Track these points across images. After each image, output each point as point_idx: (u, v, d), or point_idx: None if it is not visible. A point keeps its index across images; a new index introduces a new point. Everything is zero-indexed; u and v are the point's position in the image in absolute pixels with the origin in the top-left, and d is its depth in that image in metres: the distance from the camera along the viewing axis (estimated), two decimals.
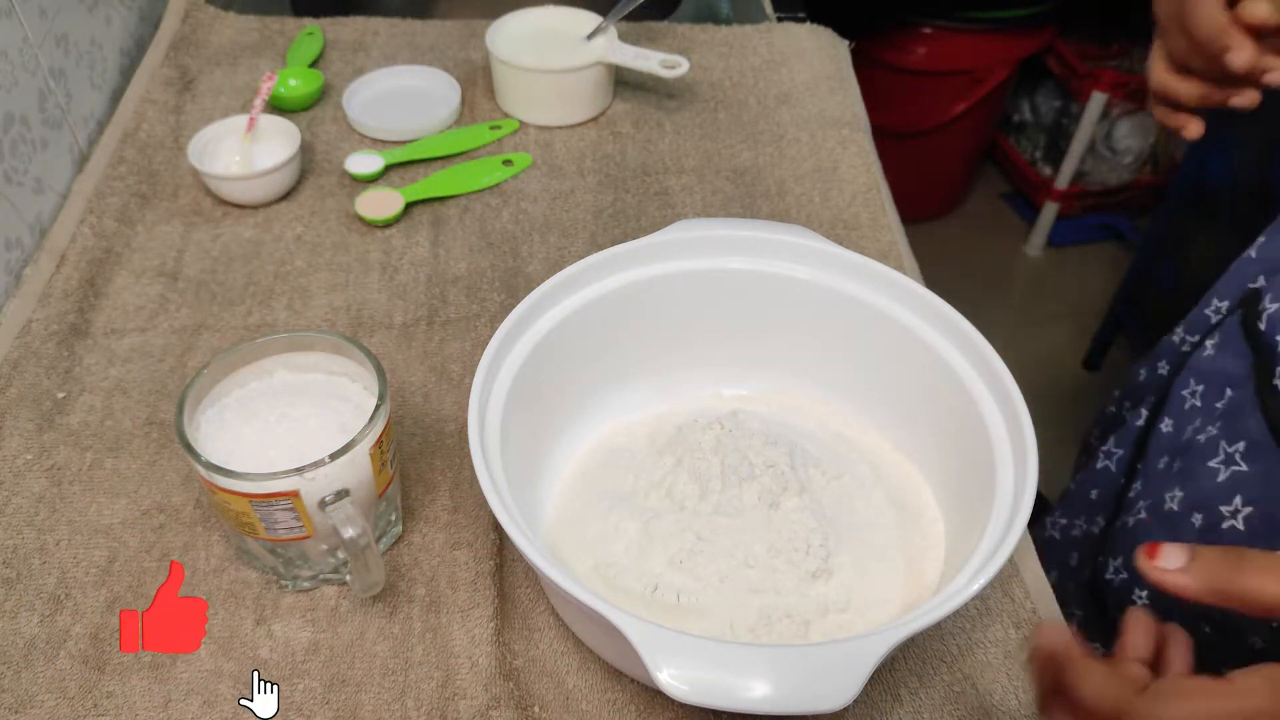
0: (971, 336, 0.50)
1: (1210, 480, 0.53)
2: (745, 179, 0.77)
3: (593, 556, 0.50)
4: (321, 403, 0.49)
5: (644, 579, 0.48)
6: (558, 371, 0.52)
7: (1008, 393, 0.47)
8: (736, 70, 0.88)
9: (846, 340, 0.55)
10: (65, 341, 0.62)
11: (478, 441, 0.44)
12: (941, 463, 0.53)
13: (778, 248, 0.54)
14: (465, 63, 0.87)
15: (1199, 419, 0.58)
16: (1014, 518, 0.43)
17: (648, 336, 0.56)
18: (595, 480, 0.54)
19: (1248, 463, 0.51)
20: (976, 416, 0.48)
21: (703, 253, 0.54)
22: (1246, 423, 0.52)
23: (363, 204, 0.71)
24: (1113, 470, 0.67)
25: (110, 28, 0.81)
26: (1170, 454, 0.59)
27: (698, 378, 0.59)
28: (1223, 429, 0.54)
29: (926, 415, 0.53)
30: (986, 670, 0.49)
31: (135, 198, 0.72)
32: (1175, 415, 0.60)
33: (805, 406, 0.58)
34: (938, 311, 0.51)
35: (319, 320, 0.65)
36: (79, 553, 0.52)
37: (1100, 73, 1.80)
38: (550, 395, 0.52)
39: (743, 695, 0.36)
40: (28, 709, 0.46)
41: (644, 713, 0.47)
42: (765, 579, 0.48)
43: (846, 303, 0.54)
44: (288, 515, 0.46)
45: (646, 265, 0.54)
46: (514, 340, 0.49)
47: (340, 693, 0.47)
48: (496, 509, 0.41)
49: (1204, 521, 0.53)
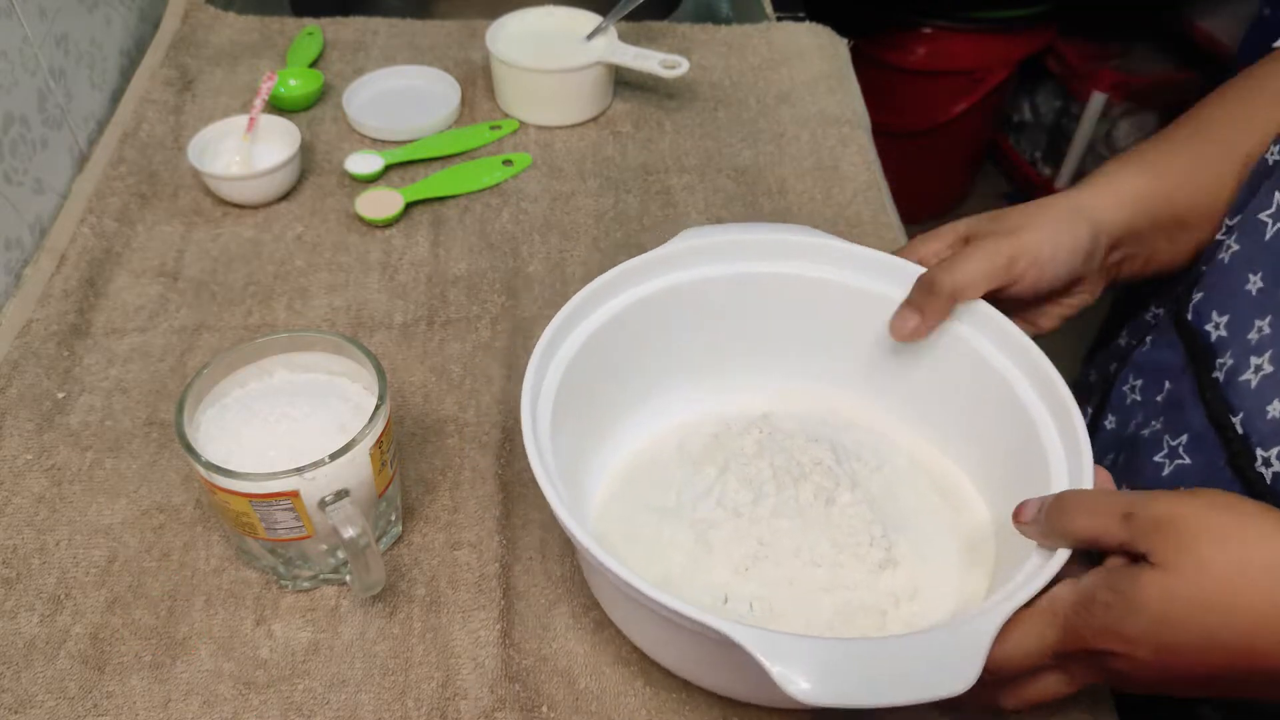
0: (998, 320, 0.50)
1: (1155, 475, 0.53)
2: (746, 178, 0.77)
3: (649, 573, 0.48)
4: (321, 403, 0.49)
5: (711, 591, 0.47)
6: (586, 392, 0.51)
7: (1047, 376, 0.47)
8: (736, 70, 0.88)
9: (867, 335, 0.55)
10: (65, 341, 0.62)
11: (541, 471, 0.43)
12: (980, 449, 0.53)
13: (791, 249, 0.54)
14: (465, 63, 0.87)
15: (1141, 413, 0.57)
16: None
17: (664, 349, 0.55)
18: (636, 495, 0.53)
19: (1190, 455, 0.51)
20: (1013, 399, 0.48)
21: (713, 260, 0.54)
22: (1188, 415, 0.51)
23: (363, 204, 0.71)
24: None
25: (110, 28, 0.81)
26: (1116, 450, 0.58)
27: (721, 384, 0.58)
28: (1165, 423, 0.53)
29: (960, 403, 0.53)
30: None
31: (135, 198, 0.72)
32: (1117, 411, 0.60)
33: (834, 404, 0.58)
34: (977, 311, 0.51)
35: (319, 320, 0.65)
36: (79, 553, 0.52)
37: (1100, 73, 1.80)
38: (584, 413, 0.51)
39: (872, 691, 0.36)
40: (28, 709, 0.46)
41: (655, 713, 0.47)
42: (834, 576, 0.48)
43: (861, 297, 0.54)
44: (288, 515, 0.46)
45: (657, 278, 0.53)
46: (545, 365, 0.48)
47: (340, 693, 0.47)
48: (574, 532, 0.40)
49: None
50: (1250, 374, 0.48)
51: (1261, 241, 0.49)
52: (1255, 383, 0.47)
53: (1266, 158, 0.52)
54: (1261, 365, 0.47)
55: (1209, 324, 0.51)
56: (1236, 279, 0.50)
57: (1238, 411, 0.48)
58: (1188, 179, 0.54)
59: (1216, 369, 0.50)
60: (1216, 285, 0.52)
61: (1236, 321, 0.50)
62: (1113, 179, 0.54)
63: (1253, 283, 0.49)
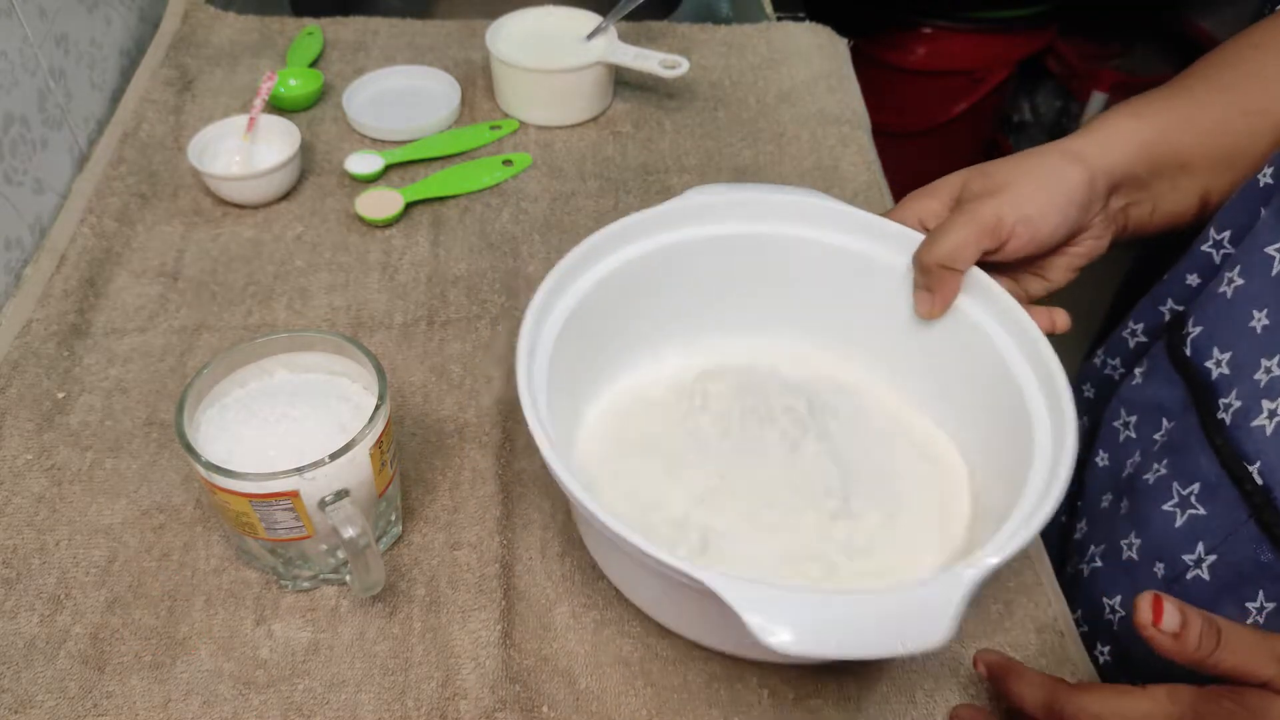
0: (993, 290, 0.50)
1: (1167, 526, 0.50)
2: (746, 177, 0.77)
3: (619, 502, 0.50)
4: (321, 403, 0.49)
5: (670, 521, 0.49)
6: (584, 344, 0.52)
7: (1035, 345, 0.47)
8: (736, 69, 0.88)
9: (859, 298, 0.55)
10: (65, 341, 0.62)
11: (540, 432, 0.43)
12: (965, 415, 0.53)
13: (790, 209, 0.54)
14: (465, 63, 0.87)
15: (1137, 453, 0.56)
16: (1056, 467, 0.43)
17: (663, 303, 0.56)
18: (622, 431, 0.54)
19: (1204, 505, 0.48)
20: (1003, 368, 0.48)
21: (715, 219, 0.54)
22: (1197, 461, 0.49)
23: (363, 204, 0.71)
24: None
25: (110, 28, 0.81)
26: (1114, 492, 0.57)
27: (715, 341, 0.59)
28: (1171, 468, 0.51)
29: (948, 369, 0.53)
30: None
31: (135, 198, 0.72)
32: (1110, 448, 0.58)
33: (819, 361, 0.58)
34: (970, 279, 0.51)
35: (319, 320, 0.65)
36: (79, 553, 0.52)
37: (1100, 73, 1.80)
38: (578, 367, 0.52)
39: (851, 641, 0.36)
40: (28, 709, 0.46)
41: (656, 713, 0.47)
42: (785, 519, 0.48)
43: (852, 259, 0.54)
44: (288, 515, 0.46)
45: (660, 234, 0.54)
46: (543, 319, 0.49)
47: (340, 693, 0.47)
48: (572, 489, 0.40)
49: (1166, 572, 0.50)
50: (1265, 419, 0.46)
51: (1269, 276, 0.47)
52: (1271, 429, 0.45)
53: (1259, 179, 0.50)
54: (1276, 410, 0.45)
55: (1209, 360, 0.50)
56: (1239, 314, 0.48)
57: (1254, 460, 0.46)
58: (1187, 122, 0.52)
59: (1221, 409, 0.48)
60: (1217, 320, 0.50)
61: (1241, 359, 0.48)
62: (1107, 123, 0.52)
63: (1258, 319, 0.47)
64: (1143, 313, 0.60)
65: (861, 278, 0.54)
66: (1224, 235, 0.53)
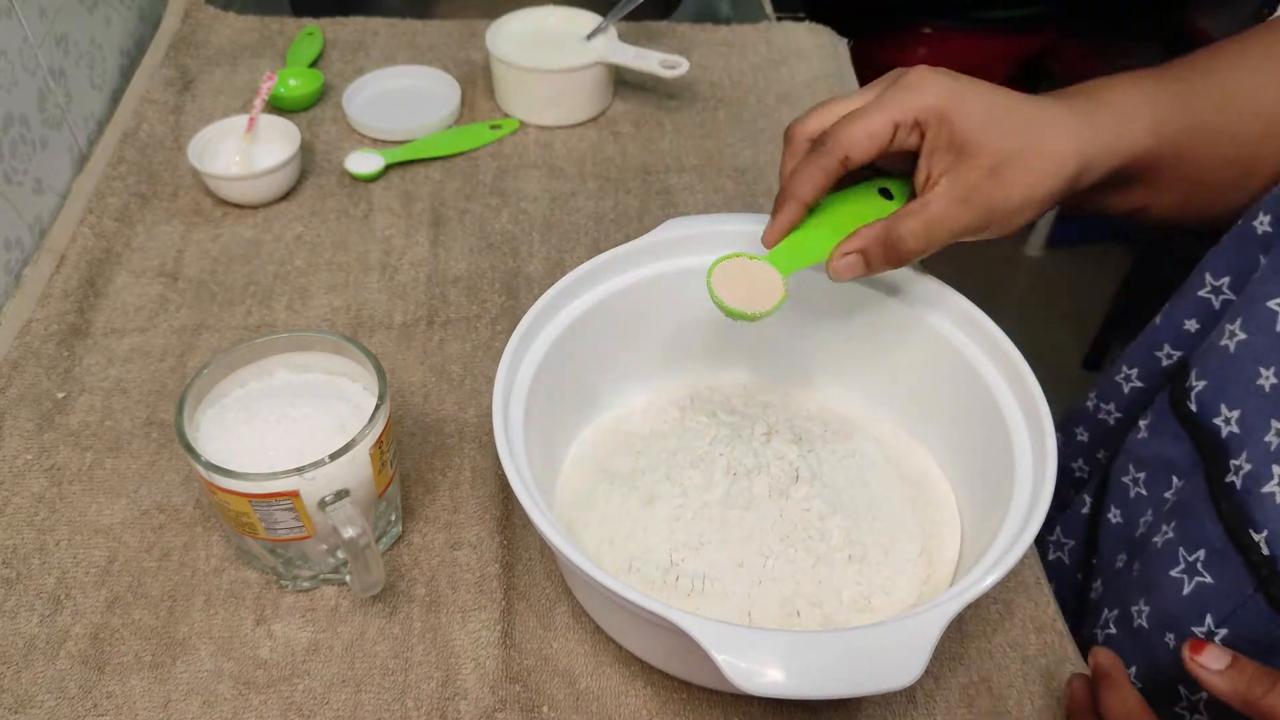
0: (974, 315, 0.50)
1: (1175, 593, 0.48)
2: (747, 177, 0.77)
3: (596, 540, 0.49)
4: (321, 403, 0.49)
5: (655, 563, 0.48)
6: (562, 382, 0.51)
7: (1016, 369, 0.48)
8: (736, 70, 0.88)
9: (846, 325, 0.55)
10: (65, 341, 0.62)
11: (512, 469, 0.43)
12: (951, 440, 0.53)
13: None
14: (465, 63, 0.87)
15: (1149, 511, 0.54)
16: (1039, 489, 0.43)
17: (646, 335, 0.56)
18: (597, 465, 0.54)
19: (1210, 573, 0.47)
20: (985, 392, 0.49)
21: (694, 250, 0.54)
22: (1203, 525, 0.47)
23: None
24: (1067, 563, 0.62)
25: (110, 28, 0.81)
26: (1127, 551, 0.55)
27: (694, 370, 0.59)
28: (1178, 530, 0.49)
29: (931, 394, 0.53)
30: (1002, 674, 0.49)
31: (135, 198, 0.72)
32: (1121, 505, 0.56)
33: (805, 391, 0.58)
34: (940, 295, 0.52)
35: (319, 320, 0.65)
36: (79, 553, 0.52)
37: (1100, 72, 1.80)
38: (556, 405, 0.52)
39: (820, 683, 0.36)
40: (28, 709, 0.46)
41: (656, 713, 0.47)
42: (780, 568, 0.48)
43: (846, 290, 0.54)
44: (288, 515, 0.46)
45: (639, 267, 0.54)
46: (521, 355, 0.49)
47: (340, 693, 0.47)
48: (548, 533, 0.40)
49: (1177, 642, 0.48)
50: (1274, 485, 0.44)
51: (1273, 333, 0.46)
52: None
53: (1255, 226, 0.49)
54: None
55: (1218, 418, 0.48)
56: (1245, 371, 0.47)
57: (1261, 528, 0.44)
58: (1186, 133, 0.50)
59: (1232, 472, 0.46)
60: (1223, 375, 0.48)
61: (1250, 419, 0.46)
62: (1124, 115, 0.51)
63: (1265, 378, 0.46)
64: (1136, 357, 0.58)
65: (846, 305, 0.54)
66: (1222, 281, 0.52)
